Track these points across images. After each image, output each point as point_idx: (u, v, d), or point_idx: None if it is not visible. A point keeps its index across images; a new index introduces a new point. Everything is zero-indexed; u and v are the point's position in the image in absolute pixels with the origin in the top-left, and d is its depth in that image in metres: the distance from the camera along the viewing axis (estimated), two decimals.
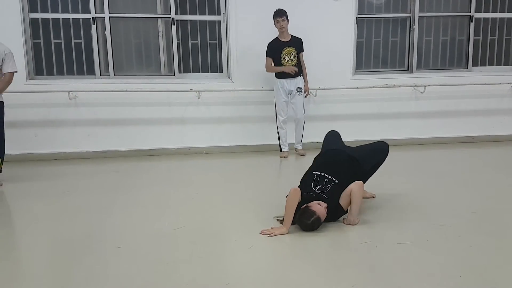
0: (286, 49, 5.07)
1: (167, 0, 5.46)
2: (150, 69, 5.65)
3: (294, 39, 5.15)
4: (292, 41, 5.13)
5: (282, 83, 5.15)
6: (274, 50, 5.10)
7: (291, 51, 5.08)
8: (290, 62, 5.09)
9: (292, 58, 5.10)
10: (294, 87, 5.15)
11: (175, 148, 5.58)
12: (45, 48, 5.40)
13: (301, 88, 5.18)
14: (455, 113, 6.02)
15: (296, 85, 5.16)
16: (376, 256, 2.54)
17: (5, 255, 2.67)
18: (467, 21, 6.00)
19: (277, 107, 5.26)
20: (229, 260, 2.53)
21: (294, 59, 5.11)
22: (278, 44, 5.09)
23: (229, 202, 3.60)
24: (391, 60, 6.02)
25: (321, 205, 2.87)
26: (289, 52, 5.08)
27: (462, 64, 6.12)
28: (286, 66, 5.08)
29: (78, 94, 5.32)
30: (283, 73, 5.12)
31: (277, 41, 5.12)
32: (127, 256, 2.59)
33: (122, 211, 3.42)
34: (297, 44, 5.15)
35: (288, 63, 5.09)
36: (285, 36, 5.10)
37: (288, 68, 5.07)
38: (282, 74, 5.14)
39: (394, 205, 3.44)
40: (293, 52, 5.09)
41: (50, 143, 5.37)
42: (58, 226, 3.12)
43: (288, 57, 5.08)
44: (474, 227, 2.94)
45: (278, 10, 4.99)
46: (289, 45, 5.07)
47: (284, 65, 5.08)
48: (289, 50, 5.08)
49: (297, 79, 5.17)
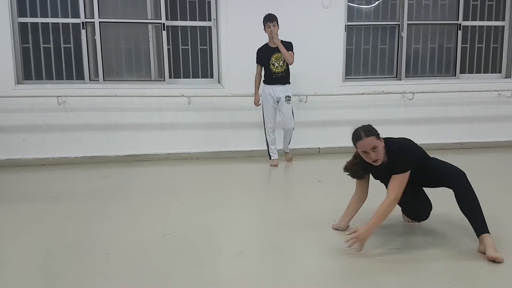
0: (275, 55, 4.94)
1: (158, 6, 5.46)
2: (140, 74, 5.64)
3: (284, 43, 4.97)
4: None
5: (269, 89, 5.05)
6: (263, 56, 5.01)
7: (280, 57, 4.95)
8: (279, 68, 4.98)
9: (281, 64, 4.97)
10: (283, 94, 5.03)
11: (165, 153, 5.57)
12: (34, 53, 5.36)
13: (289, 96, 5.06)
14: (443, 120, 6.09)
15: (285, 93, 5.04)
16: (365, 262, 2.55)
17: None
18: (455, 29, 6.09)
19: (265, 114, 5.17)
20: (219, 266, 2.52)
21: (283, 65, 4.98)
22: (267, 50, 4.99)
23: (219, 208, 3.60)
24: (380, 67, 6.08)
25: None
26: (278, 58, 4.95)
27: (450, 71, 6.20)
28: (255, 100, 5.11)
29: (67, 99, 5.29)
30: (271, 80, 5.02)
31: (266, 47, 5.03)
32: (116, 262, 2.57)
33: (111, 217, 3.39)
34: (286, 48, 4.95)
35: (277, 69, 4.97)
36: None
37: (255, 101, 5.11)
38: (269, 80, 5.04)
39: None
40: (282, 58, 4.95)
41: (39, 148, 5.32)
42: (46, 232, 3.09)
43: (277, 63, 4.96)
44: (463, 233, 2.96)
45: (269, 14, 4.87)
46: (278, 51, 4.93)
47: (273, 71, 4.97)
48: (278, 56, 4.95)
49: (285, 86, 5.06)
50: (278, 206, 3.71)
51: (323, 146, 5.87)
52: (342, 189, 4.14)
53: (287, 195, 4.05)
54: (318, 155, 5.82)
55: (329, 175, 4.72)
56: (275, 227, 3.17)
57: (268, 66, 5.00)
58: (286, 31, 5.07)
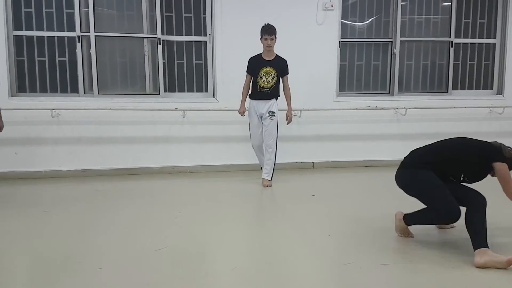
0: (265, 68, 4.67)
1: (154, 21, 5.50)
2: (135, 88, 5.65)
3: (278, 59, 4.76)
4: (275, 62, 4.74)
5: (253, 104, 4.78)
6: (253, 67, 4.73)
7: (270, 72, 4.67)
8: (266, 84, 4.69)
9: (269, 79, 4.68)
10: (266, 110, 4.72)
11: (159, 167, 5.55)
12: (28, 66, 5.37)
13: (273, 112, 4.72)
14: (435, 136, 6.03)
15: (269, 108, 4.72)
16: (360, 277, 2.54)
17: None
18: (447, 46, 6.17)
19: (250, 129, 4.92)
20: (212, 281, 2.50)
21: (271, 81, 4.70)
22: (259, 61, 4.72)
23: (212, 222, 3.58)
24: (373, 83, 6.14)
25: None
26: (267, 72, 4.67)
27: (443, 87, 6.27)
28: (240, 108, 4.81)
29: (61, 112, 5.27)
30: (255, 94, 4.76)
31: (258, 58, 4.75)
32: (107, 277, 2.54)
33: (103, 231, 3.36)
34: (279, 65, 4.74)
35: (264, 83, 4.69)
36: (269, 55, 4.73)
37: (240, 109, 4.81)
38: (254, 94, 4.79)
39: (377, 226, 3.46)
40: (272, 74, 4.68)
41: (31, 161, 5.29)
42: (38, 246, 3.05)
43: (265, 78, 4.67)
44: (457, 247, 2.96)
45: (268, 26, 4.62)
46: (269, 65, 4.68)
47: (260, 85, 4.69)
48: (268, 70, 4.67)
49: (270, 102, 4.74)
50: (272, 220, 3.70)
51: (317, 161, 5.89)
52: (336, 203, 4.16)
53: (281, 209, 4.04)
54: (312, 170, 5.82)
55: (323, 190, 4.72)
56: (268, 241, 3.16)
57: (255, 79, 4.73)
58: (281, 47, 5.11)
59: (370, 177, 5.38)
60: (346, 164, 5.93)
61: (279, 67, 4.73)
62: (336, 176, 5.46)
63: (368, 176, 5.46)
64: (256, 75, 4.70)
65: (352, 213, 3.80)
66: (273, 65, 4.71)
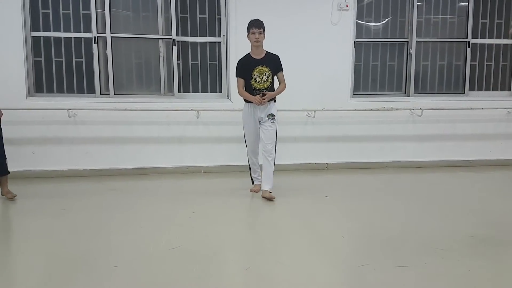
0: (258, 68, 4.24)
1: (169, 22, 5.54)
2: (150, 88, 5.69)
3: (269, 56, 4.31)
4: (266, 59, 4.29)
5: (250, 108, 4.37)
6: (244, 69, 4.31)
7: (263, 71, 4.25)
8: (261, 84, 4.27)
9: (264, 79, 4.26)
10: (265, 114, 4.33)
11: (173, 167, 5.58)
12: (46, 66, 5.44)
13: (273, 115, 4.33)
14: (452, 137, 6.05)
15: (268, 111, 4.33)
16: (374, 279, 2.52)
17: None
18: (463, 47, 6.09)
19: (245, 134, 4.52)
20: (226, 281, 2.50)
21: (267, 81, 4.27)
22: (249, 62, 4.29)
23: (226, 222, 3.58)
24: (388, 84, 6.09)
25: None
26: (261, 72, 4.25)
27: (459, 88, 6.19)
28: (256, 97, 4.24)
29: (78, 112, 5.34)
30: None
31: (248, 58, 4.33)
32: (122, 275, 2.56)
33: (118, 230, 3.39)
34: (272, 62, 4.30)
35: (260, 84, 4.26)
36: (259, 53, 4.29)
37: (255, 99, 4.23)
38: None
39: (391, 227, 3.43)
40: (266, 72, 4.26)
41: (48, 160, 5.37)
42: (53, 245, 3.09)
43: (259, 78, 4.25)
44: (472, 251, 2.92)
45: (255, 20, 4.23)
46: (262, 63, 4.25)
47: (255, 87, 4.27)
48: (261, 70, 4.25)
49: (268, 104, 4.33)
50: (285, 221, 3.69)
51: (331, 162, 5.86)
52: (350, 204, 4.13)
53: (294, 209, 4.02)
54: (325, 171, 5.80)
55: (337, 191, 4.70)
56: (282, 242, 3.15)
57: (249, 81, 4.30)
58: (295, 47, 5.11)
59: (385, 179, 5.34)
60: (360, 165, 5.89)
61: (271, 64, 4.30)
62: (350, 177, 5.42)
63: (383, 177, 5.41)
64: (249, 77, 4.28)
65: (366, 215, 3.78)
66: (265, 63, 4.28)
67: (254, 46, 4.25)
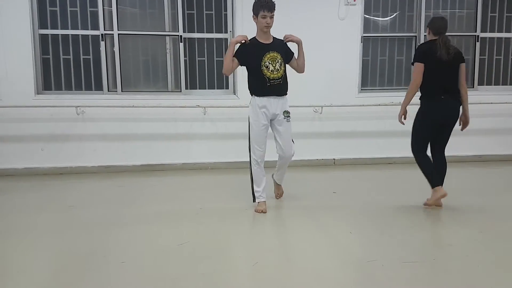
0: (269, 54, 3.62)
1: (175, 18, 5.54)
2: (157, 85, 5.70)
3: (278, 41, 3.73)
4: (276, 45, 3.69)
5: (262, 103, 3.66)
6: (251, 54, 3.63)
7: (275, 58, 3.62)
8: (275, 73, 3.61)
9: (278, 67, 3.62)
10: (280, 110, 3.69)
11: (181, 163, 5.60)
12: (54, 64, 5.47)
13: (289, 112, 3.74)
14: (461, 132, 5.97)
15: (283, 107, 3.70)
16: (382, 275, 2.51)
17: (8, 269, 2.66)
18: (472, 41, 6.03)
19: (252, 137, 3.74)
20: (233, 277, 2.51)
21: (280, 69, 3.64)
22: (259, 47, 3.64)
23: (233, 218, 3.59)
24: (397, 79, 6.05)
25: None
26: (273, 58, 3.62)
27: (468, 83, 6.12)
28: (238, 37, 3.67)
29: (86, 109, 5.37)
30: (264, 89, 3.64)
31: (255, 42, 3.67)
32: (131, 271, 2.58)
33: (126, 226, 3.41)
34: (282, 48, 3.72)
35: (273, 73, 3.60)
36: (267, 37, 3.68)
37: (237, 37, 3.66)
38: (262, 90, 3.65)
39: (400, 224, 3.41)
40: (279, 59, 3.64)
41: (56, 157, 5.40)
42: (62, 241, 3.11)
43: (272, 66, 3.61)
44: (482, 247, 2.90)
45: (267, 0, 3.56)
46: (273, 49, 3.64)
47: (268, 76, 3.60)
48: (273, 56, 3.62)
49: (283, 99, 3.72)
50: (293, 217, 3.68)
51: (339, 157, 5.84)
52: (358, 200, 4.11)
53: (302, 206, 4.01)
54: (333, 166, 5.78)
55: (345, 187, 4.68)
56: (289, 238, 3.15)
57: (258, 69, 3.61)
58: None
59: (393, 174, 5.31)
60: (368, 161, 5.86)
61: (282, 50, 3.72)
62: (358, 173, 5.40)
63: (391, 173, 5.39)
64: (259, 64, 3.61)
65: (374, 211, 3.76)
66: (276, 48, 3.68)
67: (263, 32, 3.63)
